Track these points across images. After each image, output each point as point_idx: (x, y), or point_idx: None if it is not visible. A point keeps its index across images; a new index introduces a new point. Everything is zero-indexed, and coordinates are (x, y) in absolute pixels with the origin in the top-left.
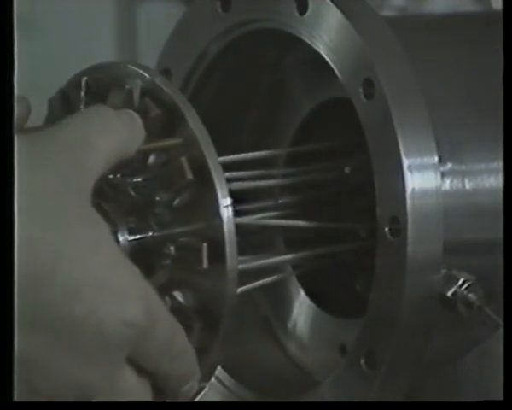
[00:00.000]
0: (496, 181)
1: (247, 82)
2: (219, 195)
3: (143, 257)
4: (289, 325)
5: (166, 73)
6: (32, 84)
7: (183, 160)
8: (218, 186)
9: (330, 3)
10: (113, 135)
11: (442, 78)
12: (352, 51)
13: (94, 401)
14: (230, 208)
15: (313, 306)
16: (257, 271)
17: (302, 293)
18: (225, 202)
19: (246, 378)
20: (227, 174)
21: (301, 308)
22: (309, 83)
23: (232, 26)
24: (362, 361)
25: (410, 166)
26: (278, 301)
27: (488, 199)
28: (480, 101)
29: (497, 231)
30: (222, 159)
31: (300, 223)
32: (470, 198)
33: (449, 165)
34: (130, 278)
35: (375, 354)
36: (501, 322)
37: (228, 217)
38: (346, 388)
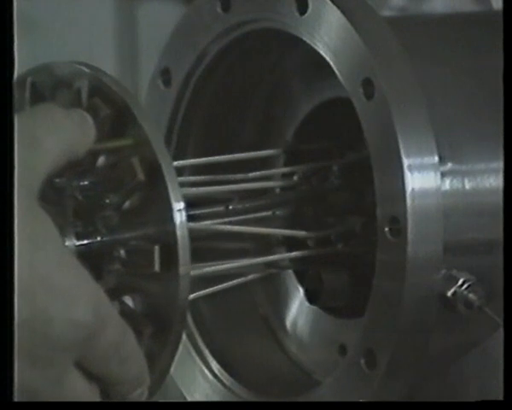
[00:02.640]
0: (496, 181)
1: (246, 82)
2: (172, 198)
3: (91, 261)
4: (289, 325)
5: (166, 73)
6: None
7: (135, 160)
8: (170, 189)
9: (330, 3)
10: (62, 134)
11: (442, 78)
12: (351, 51)
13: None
14: (184, 212)
15: (313, 306)
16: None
17: (302, 293)
18: (178, 206)
19: (246, 378)
20: (180, 179)
21: (301, 308)
22: (309, 83)
23: (232, 26)
24: (362, 361)
25: (410, 166)
26: (278, 301)
27: (488, 199)
28: (480, 101)
29: (497, 231)
30: (177, 163)
31: (253, 229)
32: (470, 198)
33: (449, 165)
34: (78, 278)
35: (375, 354)
36: (501, 322)
37: (181, 221)
38: (346, 388)
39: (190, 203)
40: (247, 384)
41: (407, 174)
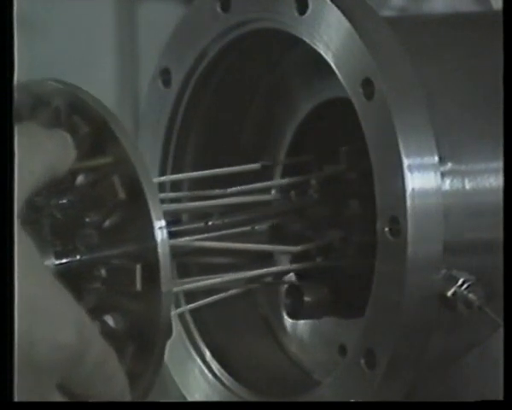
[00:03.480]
0: (496, 181)
1: (246, 82)
2: (153, 216)
3: (71, 281)
4: (289, 325)
5: (166, 73)
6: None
7: (115, 179)
8: (151, 206)
9: (330, 3)
10: (44, 156)
11: (442, 78)
12: (351, 51)
13: None
14: (165, 230)
15: None
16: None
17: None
18: (160, 224)
19: (246, 378)
20: (161, 195)
21: None
22: (309, 83)
23: (232, 26)
24: (362, 361)
25: (410, 166)
26: (278, 301)
27: (488, 199)
28: (479, 101)
29: (497, 231)
30: (156, 179)
31: (232, 245)
32: (470, 198)
33: (449, 165)
34: (60, 299)
35: (375, 354)
36: (501, 322)
37: (162, 239)
38: (346, 388)
39: (170, 219)
40: (247, 384)
41: (407, 174)
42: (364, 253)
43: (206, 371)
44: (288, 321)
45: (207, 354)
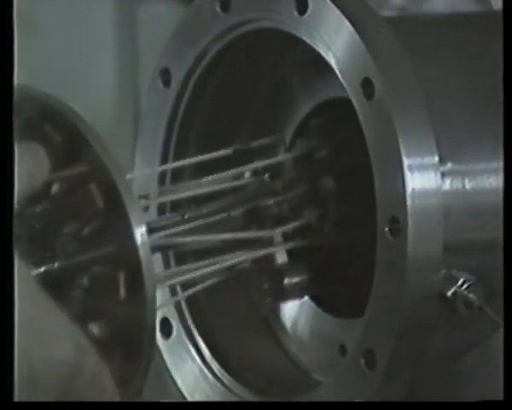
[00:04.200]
0: (496, 181)
1: (246, 82)
2: (133, 221)
3: (53, 290)
4: (289, 325)
5: (166, 73)
6: (32, 85)
7: (92, 187)
8: (130, 212)
9: (330, 3)
10: (21, 169)
11: (442, 78)
12: (351, 51)
13: None
14: (145, 235)
15: (313, 306)
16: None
17: None
18: (140, 230)
19: (246, 378)
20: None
21: (301, 308)
22: (309, 83)
23: (232, 26)
24: (362, 361)
25: (410, 166)
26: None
27: (488, 199)
28: (479, 101)
29: (497, 231)
30: (129, 176)
31: (209, 237)
32: (470, 198)
33: (449, 165)
34: (53, 314)
35: (375, 354)
36: (501, 322)
37: (143, 243)
38: (346, 388)
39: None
40: (247, 384)
41: (407, 174)
42: (342, 229)
43: (206, 371)
44: (288, 321)
45: (207, 354)
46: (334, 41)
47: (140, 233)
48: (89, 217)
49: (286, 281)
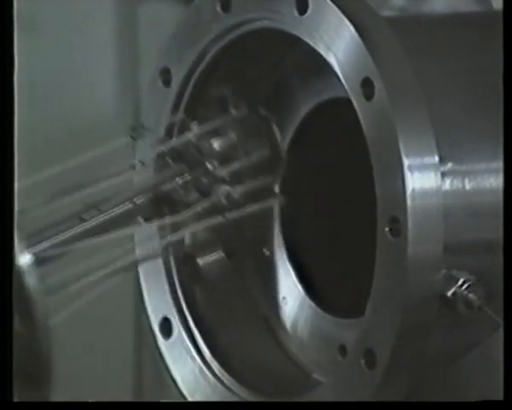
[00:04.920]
0: (496, 181)
1: (246, 82)
2: (17, 251)
3: None
4: (289, 325)
5: (166, 72)
6: (32, 84)
7: None
8: (16, 246)
9: (330, 3)
10: None
11: (442, 78)
12: (351, 51)
13: None
14: (33, 265)
15: (313, 306)
16: None
17: (302, 293)
18: (25, 259)
19: (246, 378)
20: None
21: (302, 308)
22: (309, 83)
23: (232, 26)
24: (362, 361)
25: (410, 167)
26: (278, 300)
27: (488, 199)
28: (479, 101)
29: (497, 231)
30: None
31: (104, 239)
32: (470, 198)
33: (449, 165)
34: None
35: (375, 354)
36: (501, 322)
37: (29, 272)
38: (346, 388)
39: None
40: (247, 384)
41: (407, 174)
42: (251, 201)
43: (206, 371)
44: (288, 321)
45: (207, 354)
46: (335, 41)
47: (25, 263)
48: None
49: (201, 262)
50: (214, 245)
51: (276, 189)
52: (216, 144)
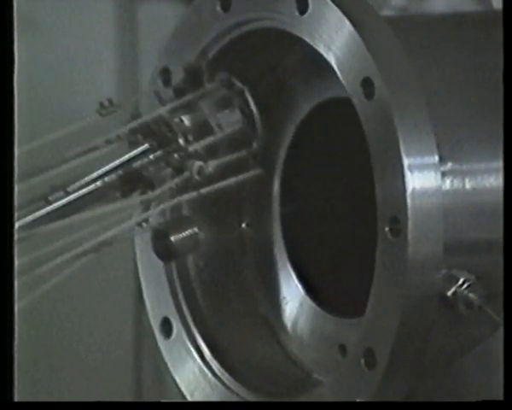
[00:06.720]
0: (496, 181)
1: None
2: None
3: None
4: (289, 325)
5: (166, 72)
6: (32, 85)
7: None
8: None
9: (330, 3)
10: None
11: (442, 78)
12: (351, 51)
13: None
14: None
15: (314, 306)
16: None
17: (302, 293)
18: None
19: (246, 378)
20: None
21: (302, 308)
22: (309, 83)
23: (232, 25)
24: (362, 361)
25: (410, 166)
26: (278, 300)
27: (488, 199)
28: (480, 101)
29: (497, 231)
30: None
31: (73, 219)
32: (470, 198)
33: (449, 165)
34: None
35: (375, 354)
36: (501, 321)
37: None
38: (346, 388)
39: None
40: (247, 384)
41: (407, 174)
42: (227, 174)
43: (206, 371)
44: (288, 321)
45: (207, 354)
46: (335, 41)
47: None
48: None
49: (173, 238)
50: (187, 222)
51: (252, 161)
52: (187, 119)
